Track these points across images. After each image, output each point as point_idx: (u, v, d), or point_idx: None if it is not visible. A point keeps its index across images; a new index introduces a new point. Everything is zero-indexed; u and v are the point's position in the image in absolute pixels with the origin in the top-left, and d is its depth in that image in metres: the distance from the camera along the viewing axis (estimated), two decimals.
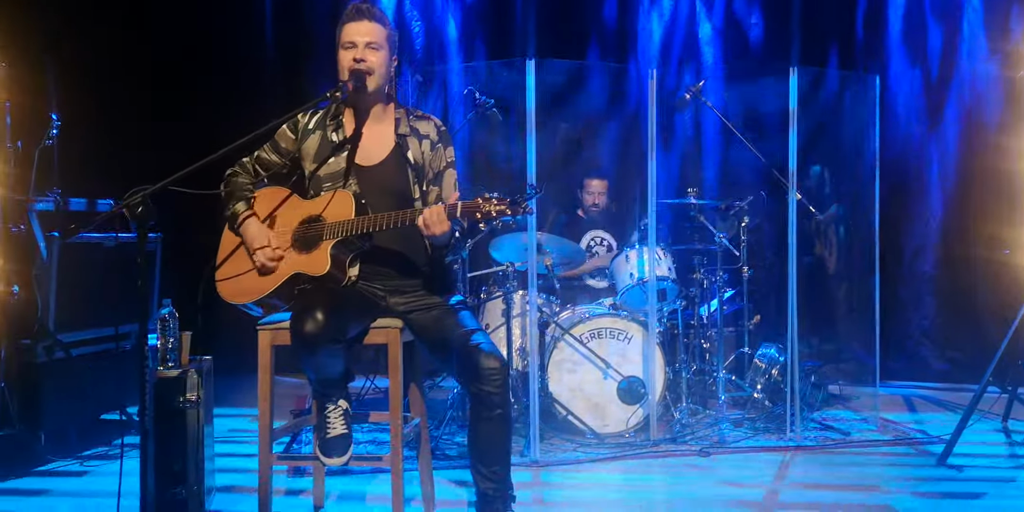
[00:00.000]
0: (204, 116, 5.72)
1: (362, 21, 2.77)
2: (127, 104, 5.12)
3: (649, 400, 4.26)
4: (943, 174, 5.85)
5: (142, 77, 5.37)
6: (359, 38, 2.76)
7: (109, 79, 5.02)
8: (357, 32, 2.77)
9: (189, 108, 5.73)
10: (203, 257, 2.90)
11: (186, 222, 4.46)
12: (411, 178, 2.83)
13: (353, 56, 2.75)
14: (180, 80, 5.76)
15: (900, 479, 3.62)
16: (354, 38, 2.76)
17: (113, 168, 4.51)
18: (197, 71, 5.89)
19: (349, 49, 2.76)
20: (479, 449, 2.72)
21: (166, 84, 5.64)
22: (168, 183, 2.35)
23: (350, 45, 2.76)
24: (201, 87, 5.92)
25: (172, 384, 2.99)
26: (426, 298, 2.83)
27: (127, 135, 5.05)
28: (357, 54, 2.75)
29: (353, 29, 2.77)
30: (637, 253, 4.64)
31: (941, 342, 5.85)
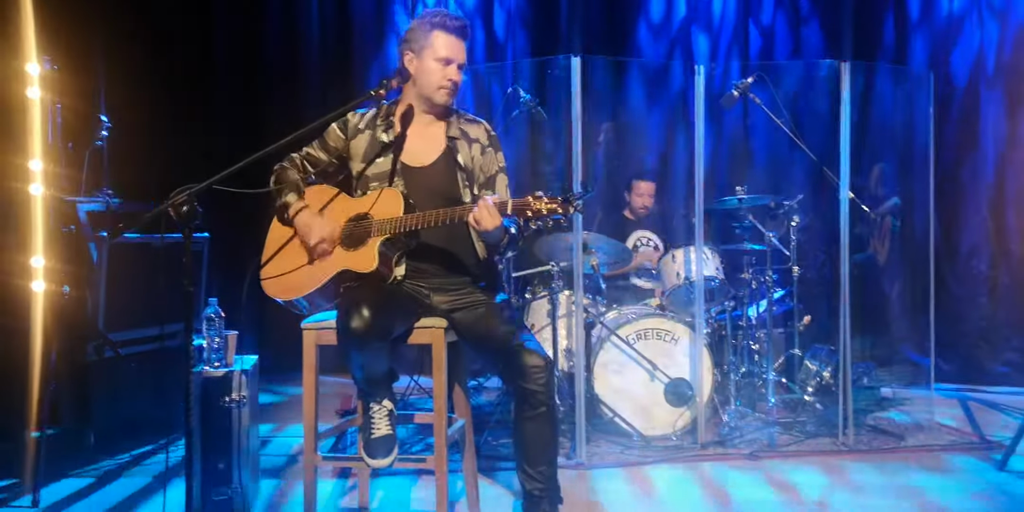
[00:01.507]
0: (252, 116, 5.77)
1: (461, 40, 2.77)
2: (175, 104, 5.18)
3: (696, 402, 4.18)
4: (1000, 171, 5.69)
5: (191, 78, 5.42)
6: (456, 58, 2.76)
7: (158, 80, 5.08)
8: (456, 51, 2.76)
9: (236, 108, 5.79)
10: (250, 257, 2.91)
11: (234, 222, 4.50)
12: (461, 181, 2.80)
13: (449, 76, 2.76)
14: (228, 80, 5.82)
15: (957, 486, 3.51)
16: (452, 57, 2.75)
17: (163, 168, 4.56)
18: (245, 71, 5.94)
19: (444, 65, 2.75)
20: (524, 448, 2.69)
21: (214, 84, 5.71)
22: (213, 182, 2.35)
23: (446, 62, 2.75)
24: (249, 87, 5.97)
25: (217, 384, 3.00)
26: (470, 296, 2.81)
27: (176, 136, 5.10)
28: (452, 74, 2.76)
29: (453, 46, 2.76)
30: (684, 253, 4.57)
31: (998, 343, 5.69)
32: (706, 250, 4.49)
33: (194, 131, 5.29)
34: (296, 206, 2.80)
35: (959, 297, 5.77)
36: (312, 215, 2.78)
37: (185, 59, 5.39)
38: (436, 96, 2.79)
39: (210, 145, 5.22)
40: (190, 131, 5.27)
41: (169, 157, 4.84)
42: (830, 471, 3.72)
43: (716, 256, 4.63)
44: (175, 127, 5.13)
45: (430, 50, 2.75)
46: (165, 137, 4.99)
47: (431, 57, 2.75)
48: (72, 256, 3.74)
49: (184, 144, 5.09)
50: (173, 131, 5.08)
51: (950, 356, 5.73)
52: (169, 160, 4.82)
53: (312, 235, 2.73)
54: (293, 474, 3.66)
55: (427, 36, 2.75)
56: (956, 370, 5.73)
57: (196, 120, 5.36)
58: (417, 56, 2.77)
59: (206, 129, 5.35)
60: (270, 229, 2.88)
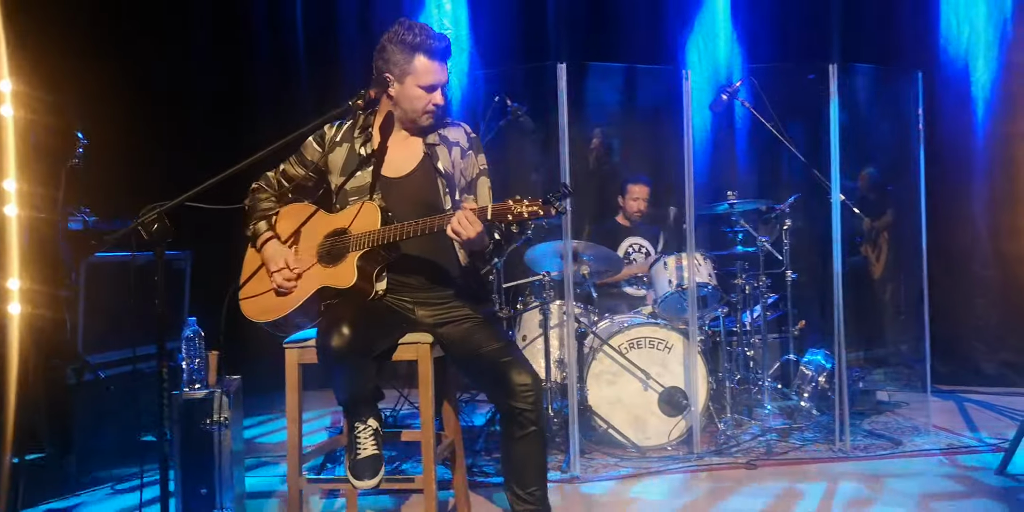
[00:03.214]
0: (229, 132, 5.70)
1: (443, 63, 2.69)
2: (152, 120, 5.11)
3: (692, 411, 4.12)
4: (991, 171, 5.66)
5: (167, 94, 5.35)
6: (440, 82, 2.69)
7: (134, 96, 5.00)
8: (440, 75, 2.68)
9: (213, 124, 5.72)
10: (235, 273, 2.84)
11: (218, 238, 4.43)
12: (441, 188, 2.74)
13: (433, 101, 2.69)
14: (205, 96, 5.75)
15: (957, 490, 3.46)
16: (435, 82, 2.68)
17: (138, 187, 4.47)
18: (222, 87, 5.87)
19: (428, 91, 2.67)
20: (514, 469, 2.63)
21: (191, 100, 5.63)
22: (185, 199, 2.29)
23: (430, 88, 2.67)
24: (226, 103, 5.91)
25: (198, 405, 2.93)
26: (456, 310, 2.74)
27: (153, 154, 5.03)
28: (437, 99, 2.69)
29: (437, 71, 2.67)
30: (676, 259, 4.51)
31: (994, 345, 5.66)
32: (698, 256, 4.43)
33: (172, 147, 5.22)
34: (263, 237, 2.77)
35: (953, 298, 5.73)
36: (277, 246, 2.75)
37: (161, 75, 5.31)
38: (421, 120, 2.73)
39: (187, 161, 5.13)
40: (168, 147, 5.20)
41: (146, 175, 4.77)
42: (829, 478, 3.66)
43: (708, 262, 4.57)
44: (153, 145, 5.05)
45: (413, 77, 2.65)
46: (142, 153, 4.92)
47: (413, 84, 2.66)
48: (50, 277, 3.66)
49: (161, 160, 5.02)
50: (150, 147, 5.01)
51: (946, 358, 5.69)
52: (146, 176, 4.75)
53: (274, 267, 2.69)
54: (279, 497, 3.58)
55: (408, 61, 2.64)
56: (952, 372, 5.69)
57: (173, 135, 5.29)
58: (398, 81, 2.67)
59: (184, 144, 5.27)
60: (248, 250, 2.82)
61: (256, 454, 4.27)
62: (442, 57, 2.68)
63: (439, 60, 2.67)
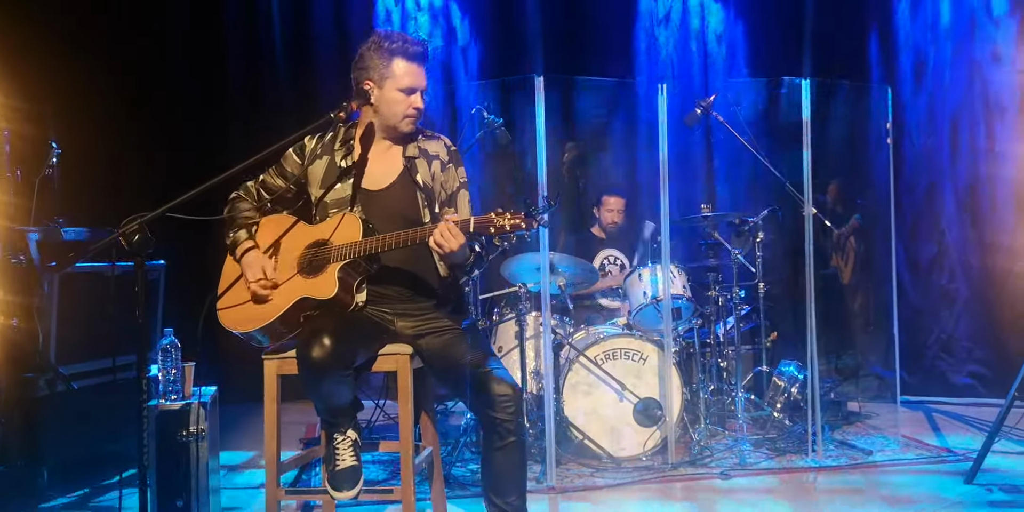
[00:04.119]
0: (208, 142, 5.67)
1: (420, 65, 2.70)
2: (128, 132, 5.08)
3: (666, 422, 4.15)
4: (958, 185, 5.77)
5: (143, 104, 5.32)
6: (419, 85, 2.70)
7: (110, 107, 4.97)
8: (417, 79, 2.69)
9: (192, 133, 5.69)
10: (210, 284, 2.83)
11: (193, 249, 4.40)
12: (420, 201, 2.75)
13: (413, 104, 2.69)
14: (182, 107, 5.72)
15: (927, 499, 3.51)
16: (415, 85, 2.69)
17: (117, 195, 4.45)
18: (199, 98, 5.85)
19: (407, 94, 2.69)
20: (493, 479, 2.63)
21: (169, 110, 5.61)
22: (166, 210, 2.29)
23: (410, 91, 2.69)
24: (205, 113, 5.88)
25: (174, 417, 2.91)
26: (436, 321, 2.75)
27: (129, 163, 5.00)
28: (416, 103, 2.70)
29: (413, 74, 2.68)
30: (651, 271, 4.55)
31: (961, 356, 5.74)
32: (672, 268, 4.47)
33: (149, 157, 5.18)
34: (243, 246, 2.74)
35: (921, 310, 5.82)
36: (256, 255, 2.72)
37: (139, 85, 5.29)
38: (402, 125, 2.73)
39: (166, 171, 5.11)
40: (145, 157, 5.17)
41: (124, 184, 4.74)
42: (801, 488, 3.71)
43: (682, 274, 4.62)
44: (130, 154, 5.02)
45: (391, 80, 2.67)
46: (119, 164, 4.89)
47: (393, 87, 2.67)
48: (21, 287, 3.62)
49: (139, 170, 4.99)
50: (128, 158, 4.97)
51: (914, 369, 5.78)
52: (124, 187, 4.72)
53: (252, 277, 2.67)
54: (256, 509, 3.56)
55: (387, 65, 2.67)
56: (920, 383, 5.77)
57: (151, 146, 5.26)
58: (378, 85, 2.69)
59: (161, 155, 5.24)
60: (226, 260, 2.80)
61: (233, 465, 4.24)
62: (420, 60, 2.70)
63: (417, 63, 2.69)
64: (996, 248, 5.58)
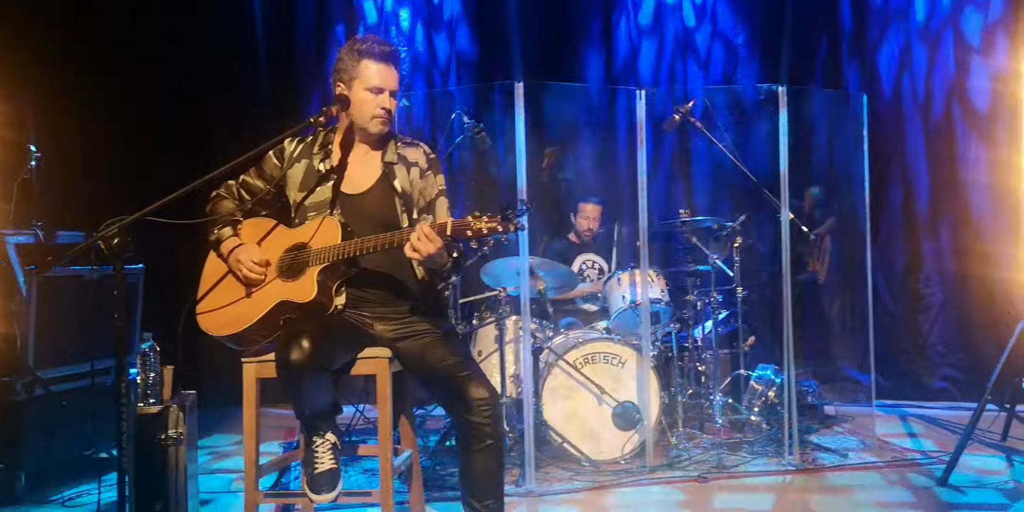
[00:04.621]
0: (189, 146, 5.66)
1: (387, 65, 2.72)
2: (107, 135, 5.06)
3: (644, 425, 4.18)
4: (934, 191, 5.85)
5: (123, 108, 5.30)
6: (387, 85, 2.72)
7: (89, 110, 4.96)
8: (385, 79, 2.72)
9: (174, 136, 5.68)
10: (189, 288, 2.83)
11: (172, 252, 4.39)
12: (398, 207, 2.77)
13: (380, 104, 2.71)
14: (162, 110, 5.70)
15: (901, 501, 3.55)
16: (382, 85, 2.71)
17: (97, 198, 4.44)
18: (179, 100, 5.83)
19: (375, 94, 2.71)
20: (471, 482, 2.65)
21: (150, 113, 5.59)
22: (146, 213, 2.29)
23: (377, 90, 2.71)
24: (187, 116, 5.87)
25: (153, 420, 2.91)
26: (414, 325, 2.76)
27: (109, 166, 4.98)
28: (384, 103, 2.72)
29: (381, 74, 2.71)
30: (629, 276, 4.59)
31: (936, 360, 5.82)
32: (651, 273, 4.51)
33: (130, 160, 5.17)
34: (228, 243, 2.75)
35: (896, 315, 5.90)
36: (243, 249, 2.73)
37: (120, 87, 5.27)
38: (370, 126, 2.75)
39: (146, 175, 5.09)
40: (126, 160, 5.15)
41: (104, 187, 4.72)
42: (777, 491, 3.74)
43: (661, 278, 4.66)
44: (110, 157, 5.01)
45: (359, 80, 2.71)
46: (99, 167, 4.87)
47: (361, 87, 2.71)
48: (0, 291, 3.61)
49: (119, 174, 4.97)
50: (108, 161, 4.96)
51: (889, 373, 5.85)
52: (104, 190, 4.70)
53: (243, 268, 2.68)
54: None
55: (355, 66, 2.71)
56: (895, 387, 5.84)
57: (131, 150, 5.24)
58: (348, 86, 2.73)
59: (141, 159, 5.23)
60: (206, 262, 2.81)
61: (212, 469, 4.23)
62: (388, 60, 2.72)
63: (385, 63, 2.71)
64: (971, 253, 5.66)
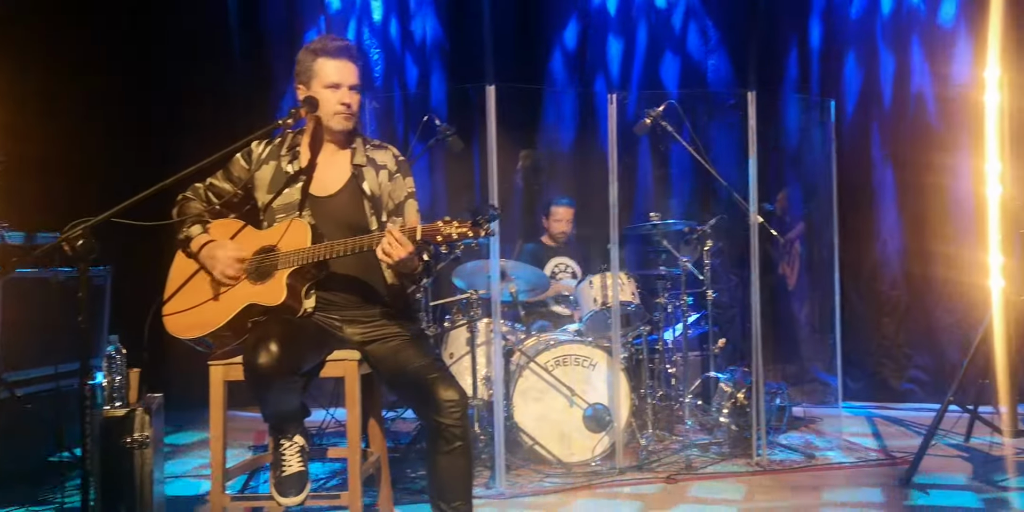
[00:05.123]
0: (155, 146, 5.62)
1: (344, 61, 2.73)
2: (72, 137, 5.01)
3: (615, 427, 4.20)
4: (899, 195, 5.92)
5: (88, 109, 5.25)
6: (344, 80, 2.72)
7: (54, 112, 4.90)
8: (342, 74, 2.72)
9: (138, 139, 5.62)
10: (157, 290, 2.81)
11: (140, 254, 4.35)
12: (367, 210, 2.77)
13: (340, 100, 2.71)
14: (132, 109, 5.66)
15: (866, 501, 3.60)
16: (338, 79, 2.71)
17: (59, 200, 4.39)
18: (146, 101, 5.77)
19: (332, 90, 2.71)
20: (439, 484, 2.65)
21: (117, 113, 5.54)
22: (111, 215, 2.28)
23: (334, 86, 2.71)
24: (155, 116, 5.82)
25: (118, 423, 2.88)
26: (384, 328, 2.77)
27: (74, 168, 4.93)
28: (344, 98, 2.72)
29: (337, 69, 2.72)
30: (601, 278, 4.61)
31: (901, 362, 5.89)
32: (622, 275, 4.53)
33: (94, 162, 5.12)
34: (200, 239, 2.73)
35: (864, 317, 5.96)
36: (216, 245, 2.71)
37: (86, 88, 5.21)
38: (333, 123, 2.75)
39: (112, 176, 5.05)
40: (90, 162, 5.10)
41: (68, 188, 4.67)
42: (744, 491, 3.77)
43: (632, 281, 4.68)
44: (75, 159, 4.95)
45: (317, 79, 2.72)
46: (64, 168, 4.82)
47: (319, 85, 2.72)
48: None
49: (84, 175, 4.92)
50: (72, 162, 4.90)
51: (857, 375, 5.92)
52: (68, 192, 4.65)
53: (217, 265, 2.66)
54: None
55: (312, 66, 2.73)
56: (863, 388, 5.91)
57: (97, 151, 5.19)
58: (308, 87, 2.74)
59: (107, 161, 5.18)
60: (173, 263, 2.79)
61: (178, 472, 4.20)
62: (342, 55, 2.73)
63: (338, 59, 2.72)
64: (935, 257, 5.75)
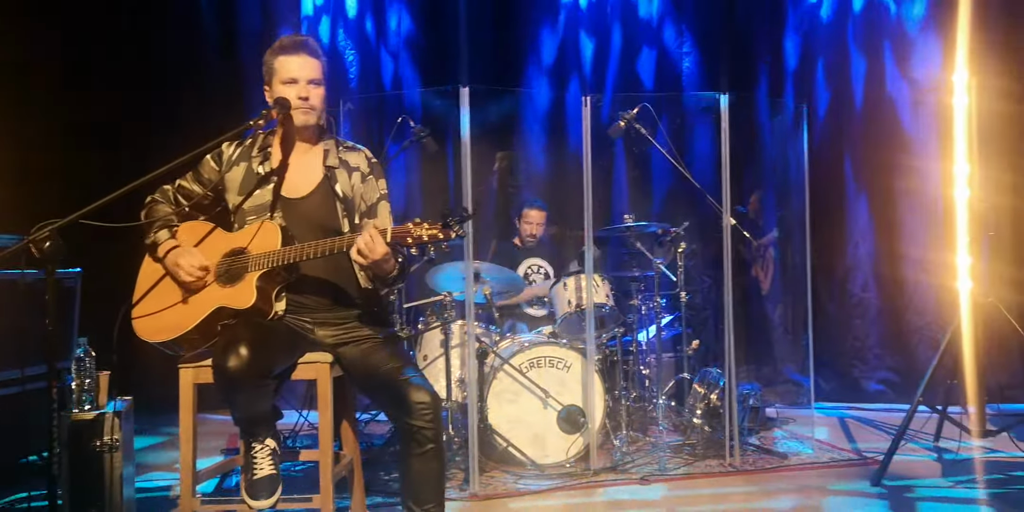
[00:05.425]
0: (125, 147, 5.56)
1: (301, 55, 2.71)
2: (40, 136, 4.95)
3: (589, 429, 4.22)
4: (871, 198, 5.99)
5: (55, 108, 5.19)
6: (301, 74, 2.71)
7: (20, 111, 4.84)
8: (299, 68, 2.71)
9: (108, 138, 5.57)
10: (128, 292, 2.78)
11: (111, 255, 4.30)
12: (340, 212, 2.76)
13: (297, 94, 2.70)
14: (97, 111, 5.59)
15: (837, 501, 3.63)
16: (296, 74, 2.70)
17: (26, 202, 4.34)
18: (116, 101, 5.72)
19: (290, 85, 2.70)
20: (411, 487, 2.65)
21: (87, 113, 5.48)
22: (79, 216, 2.25)
23: (291, 81, 2.70)
24: (126, 116, 5.76)
25: (88, 427, 2.85)
26: (356, 330, 2.76)
27: (41, 168, 4.88)
28: (301, 92, 2.70)
29: (294, 64, 2.71)
30: (575, 280, 4.62)
31: (873, 363, 5.96)
32: (596, 277, 4.55)
33: (62, 163, 5.07)
34: (165, 245, 2.71)
35: (835, 319, 6.03)
36: (181, 252, 2.69)
37: (50, 87, 5.16)
38: (295, 118, 2.74)
39: (81, 177, 5.00)
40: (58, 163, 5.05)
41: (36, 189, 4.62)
42: (717, 492, 3.80)
43: (606, 283, 4.70)
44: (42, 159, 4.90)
45: (277, 76, 2.73)
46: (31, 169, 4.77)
47: (279, 82, 2.72)
48: None
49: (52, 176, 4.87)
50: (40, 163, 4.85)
51: (829, 376, 5.98)
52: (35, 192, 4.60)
53: (180, 273, 2.64)
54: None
55: (272, 64, 2.74)
56: (835, 389, 5.98)
57: (65, 151, 5.14)
58: (270, 86, 2.75)
59: (76, 161, 5.12)
60: (142, 266, 2.76)
61: (148, 476, 4.16)
62: (299, 51, 2.72)
63: (295, 54, 2.71)
64: (905, 259, 5.82)
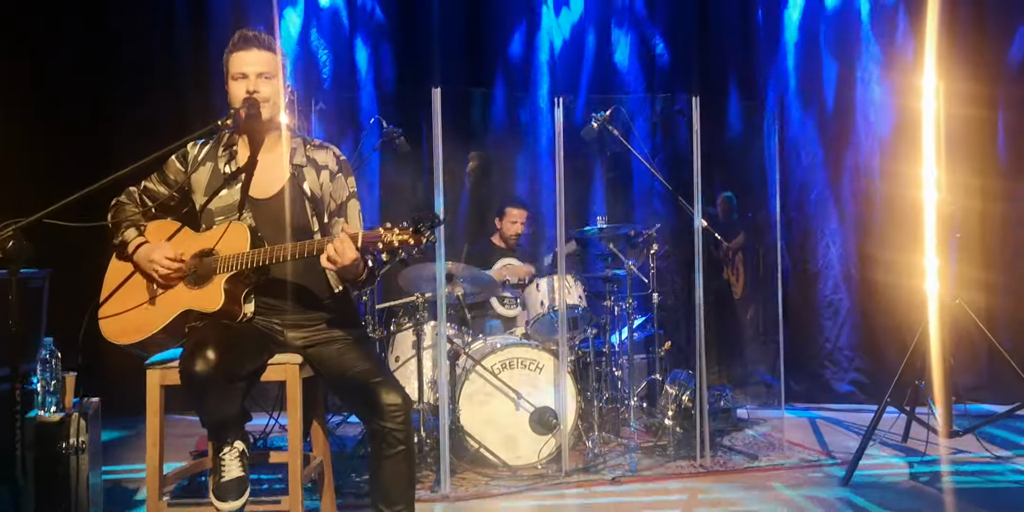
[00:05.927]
0: (92, 146, 5.50)
1: (251, 50, 2.69)
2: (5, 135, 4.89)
3: (561, 430, 4.22)
4: (842, 201, 6.06)
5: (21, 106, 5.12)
6: (250, 68, 2.67)
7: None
8: (247, 62, 2.68)
9: (75, 138, 5.50)
10: (96, 293, 2.75)
11: (80, 255, 4.26)
12: (308, 211, 2.74)
13: (246, 88, 2.66)
14: (65, 108, 5.52)
15: (807, 500, 3.66)
16: (244, 69, 2.68)
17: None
18: (82, 99, 5.65)
19: (240, 80, 2.68)
20: (381, 488, 2.64)
21: (55, 112, 5.41)
22: (44, 215, 2.22)
23: (241, 76, 2.68)
24: (93, 116, 5.70)
25: (54, 429, 2.82)
26: (326, 332, 2.74)
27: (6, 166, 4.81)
28: (250, 86, 2.67)
29: (243, 59, 2.68)
30: (548, 281, 4.63)
31: (843, 365, 6.02)
32: (569, 278, 4.56)
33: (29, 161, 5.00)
34: (135, 241, 2.68)
35: (807, 321, 6.09)
36: (153, 247, 2.66)
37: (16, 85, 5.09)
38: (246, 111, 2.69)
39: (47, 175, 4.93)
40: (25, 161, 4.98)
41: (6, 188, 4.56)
42: (688, 493, 3.82)
43: (579, 284, 4.71)
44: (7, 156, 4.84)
45: (229, 74, 2.71)
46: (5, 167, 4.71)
47: (231, 79, 2.71)
48: None
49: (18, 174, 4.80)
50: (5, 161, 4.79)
51: (800, 377, 6.03)
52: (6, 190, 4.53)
53: (154, 267, 2.61)
54: None
55: (227, 63, 2.72)
56: (805, 390, 6.03)
57: (31, 149, 5.07)
58: (227, 85, 2.73)
59: (41, 159, 5.06)
60: (109, 266, 2.73)
61: (115, 479, 4.11)
62: (248, 46, 2.69)
63: (245, 49, 2.69)
64: (875, 261, 5.89)
